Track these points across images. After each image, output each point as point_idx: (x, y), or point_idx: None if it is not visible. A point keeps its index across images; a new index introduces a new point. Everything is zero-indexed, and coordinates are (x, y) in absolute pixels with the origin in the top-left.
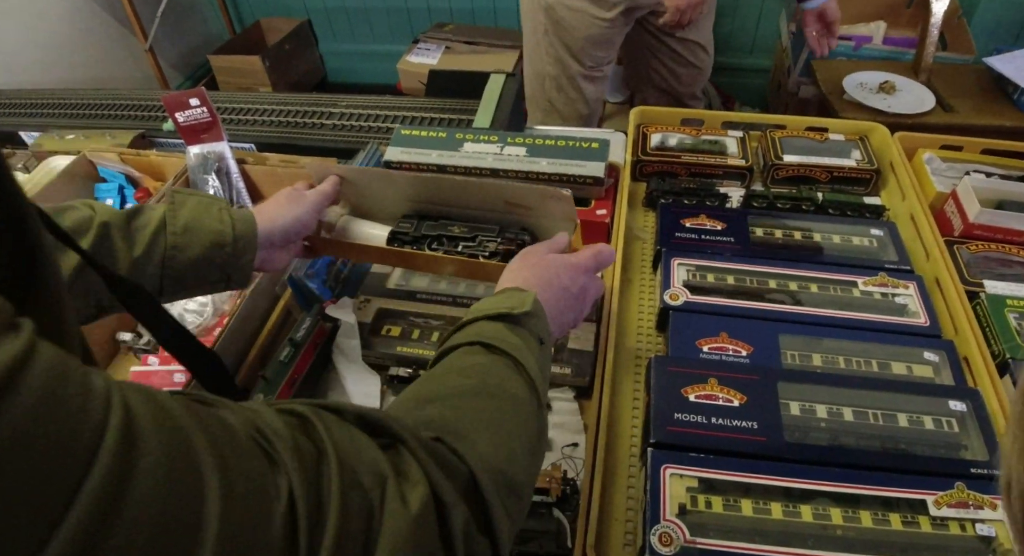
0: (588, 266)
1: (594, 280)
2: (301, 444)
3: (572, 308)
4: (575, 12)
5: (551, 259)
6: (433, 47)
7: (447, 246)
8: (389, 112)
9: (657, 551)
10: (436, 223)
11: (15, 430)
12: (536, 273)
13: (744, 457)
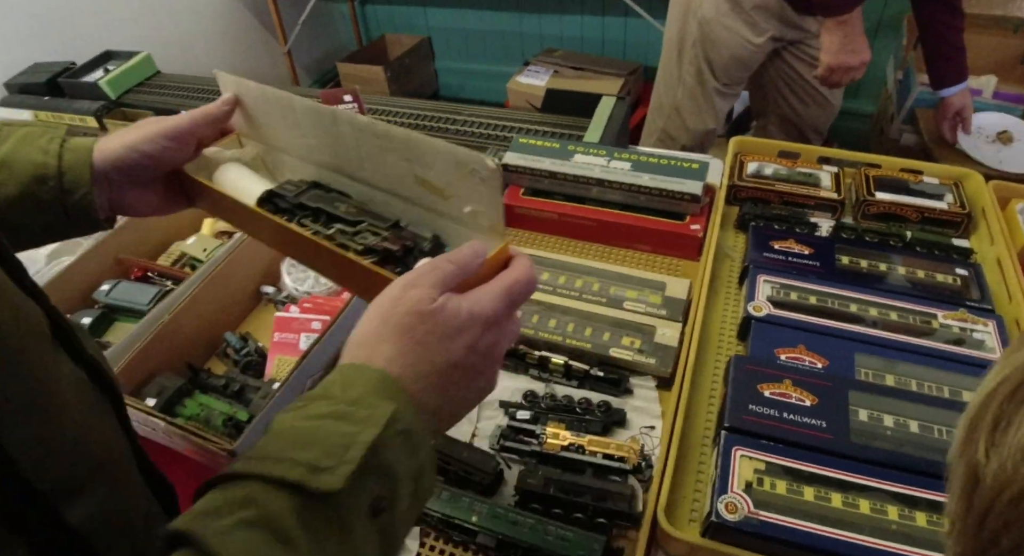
0: (496, 314)
1: (504, 329)
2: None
3: (471, 384)
4: (728, 31)
5: (439, 316)
6: (542, 70)
7: (321, 225)
8: (507, 123)
9: (723, 516)
10: (327, 194)
11: None
12: (409, 345)
13: (810, 450)
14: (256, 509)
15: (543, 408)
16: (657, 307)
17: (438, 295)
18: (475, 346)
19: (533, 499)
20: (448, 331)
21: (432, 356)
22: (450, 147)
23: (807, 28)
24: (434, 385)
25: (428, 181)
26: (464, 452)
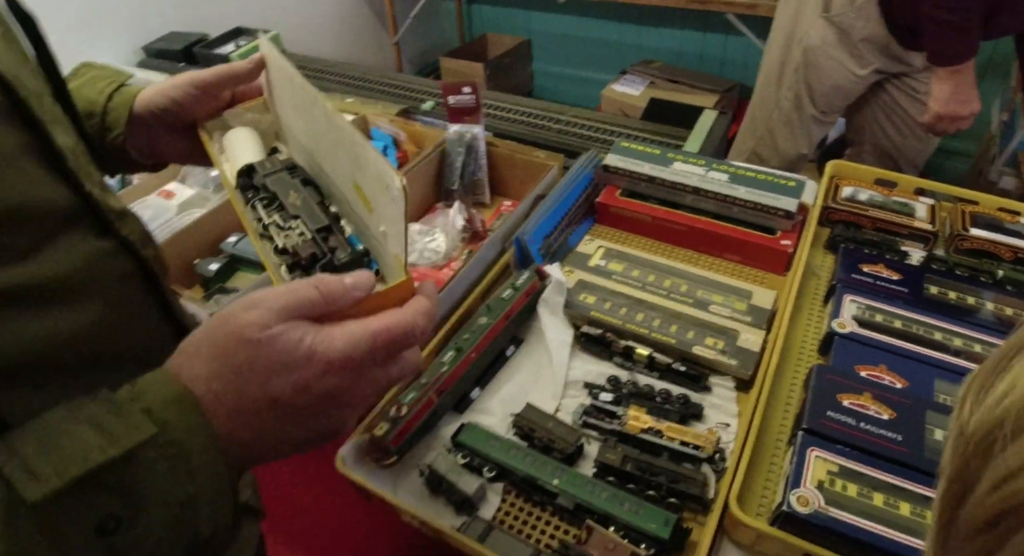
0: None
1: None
2: None
3: (301, 424)
4: (832, 61)
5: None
6: (638, 80)
7: (263, 213)
8: (608, 127)
9: (794, 508)
10: (291, 181)
11: None
12: (222, 369)
13: (884, 459)
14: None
15: (625, 393)
16: (742, 313)
17: (277, 322)
18: (308, 387)
19: (610, 473)
20: (272, 365)
21: (246, 387)
22: (377, 156)
23: (912, 62)
24: (246, 418)
25: (360, 188)
26: (549, 422)
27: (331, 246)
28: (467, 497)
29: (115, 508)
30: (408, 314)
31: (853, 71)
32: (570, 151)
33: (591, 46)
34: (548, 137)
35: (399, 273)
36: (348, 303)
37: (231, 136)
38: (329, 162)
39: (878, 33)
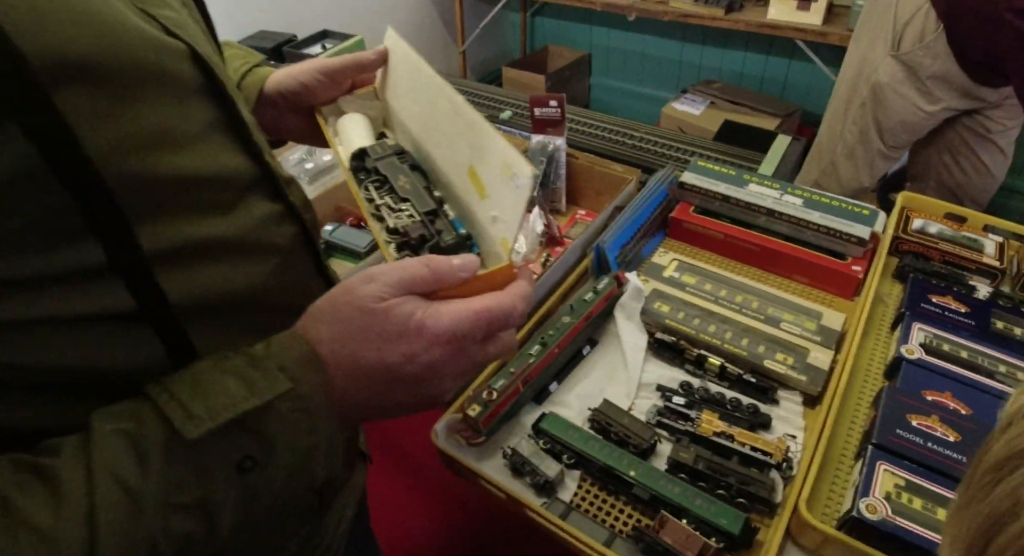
0: (452, 333)
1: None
2: None
3: (407, 391)
4: (900, 97)
5: (381, 316)
6: (699, 99)
7: (375, 195)
8: (681, 145)
9: (863, 514)
10: (400, 166)
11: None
12: (342, 334)
13: (948, 478)
14: (136, 425)
15: (697, 398)
16: (812, 332)
17: (392, 295)
18: (415, 356)
19: (682, 470)
20: (386, 334)
21: (362, 351)
22: (506, 145)
23: (984, 98)
24: (358, 379)
25: (476, 175)
26: (625, 418)
27: (437, 228)
28: (548, 479)
29: (253, 450)
30: (508, 297)
31: (922, 108)
32: (645, 166)
33: (651, 63)
34: (622, 151)
35: (502, 257)
36: (454, 282)
37: (345, 121)
38: (440, 149)
39: (948, 69)
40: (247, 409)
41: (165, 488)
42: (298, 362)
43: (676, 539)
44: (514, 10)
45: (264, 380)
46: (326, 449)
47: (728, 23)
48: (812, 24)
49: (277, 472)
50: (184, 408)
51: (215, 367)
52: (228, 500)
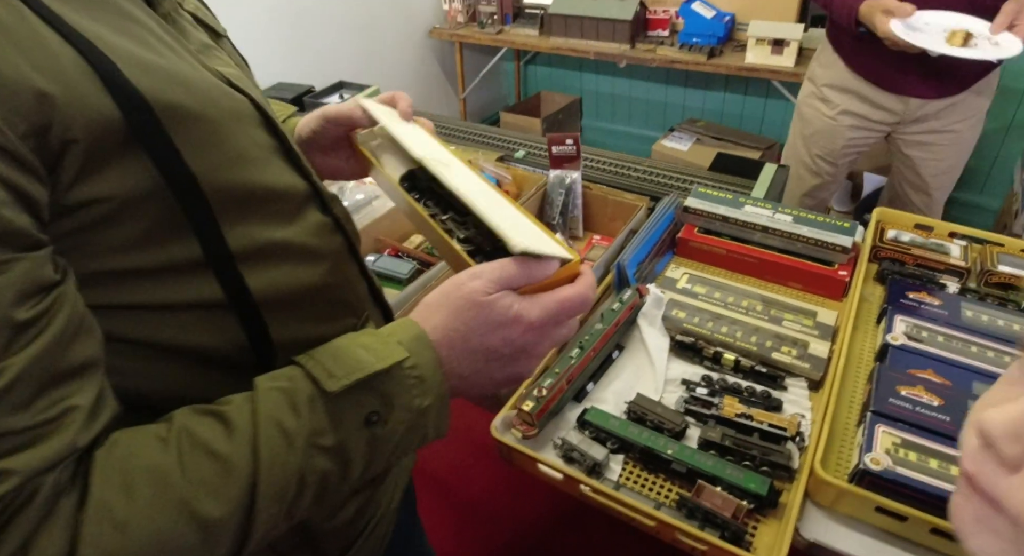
0: (541, 321)
1: (547, 335)
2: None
3: (502, 369)
4: (810, 108)
5: (487, 307)
6: (685, 137)
7: (438, 210)
8: (680, 175)
9: (869, 467)
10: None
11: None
12: (455, 322)
13: (936, 434)
14: (290, 383)
15: (717, 388)
16: (810, 328)
17: (495, 290)
18: (511, 341)
19: (711, 447)
20: (490, 323)
21: (470, 335)
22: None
23: (884, 105)
24: (465, 358)
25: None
26: (658, 408)
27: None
28: (597, 462)
29: (377, 406)
30: (581, 288)
31: (825, 113)
32: (651, 194)
33: (638, 105)
34: (630, 182)
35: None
36: (538, 279)
37: (387, 145)
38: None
39: (839, 77)
40: (373, 371)
41: (311, 432)
42: (413, 339)
43: (714, 502)
44: (509, 60)
45: (386, 350)
46: (436, 412)
47: (710, 67)
48: (785, 66)
49: (396, 427)
50: (325, 369)
51: (349, 341)
52: (358, 448)
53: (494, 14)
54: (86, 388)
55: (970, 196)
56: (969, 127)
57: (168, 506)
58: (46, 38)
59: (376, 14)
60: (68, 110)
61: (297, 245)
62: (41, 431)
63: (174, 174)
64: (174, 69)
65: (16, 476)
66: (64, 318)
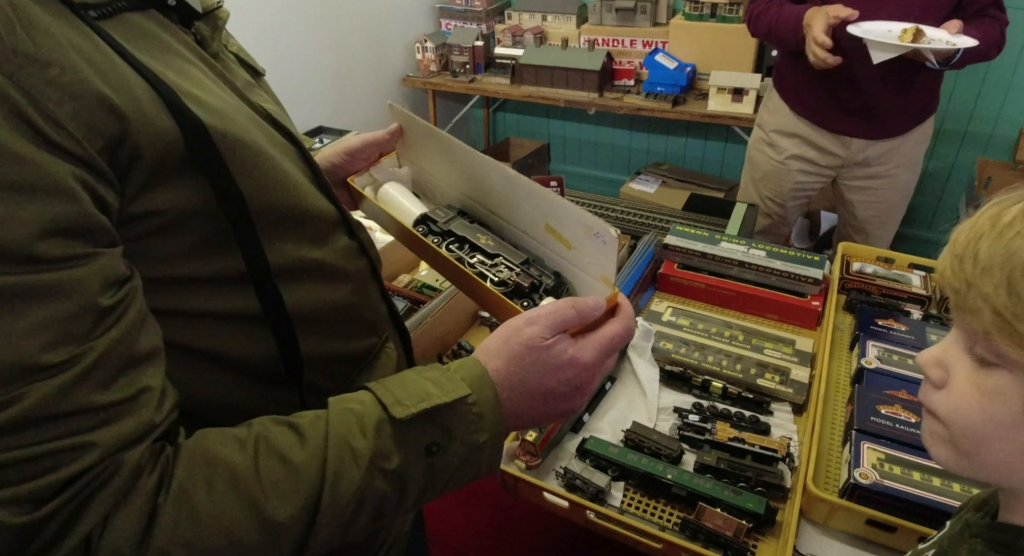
0: (594, 361)
1: (597, 373)
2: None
3: (556, 406)
4: (759, 153)
5: (545, 353)
6: (651, 179)
7: (464, 253)
8: (657, 215)
9: (859, 481)
10: (471, 225)
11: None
12: (515, 367)
13: (916, 448)
14: (360, 406)
15: (708, 415)
16: (790, 355)
17: (551, 335)
18: (568, 381)
19: (707, 471)
20: (548, 367)
21: (529, 379)
22: (580, 212)
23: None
24: (522, 399)
25: (556, 231)
26: (654, 435)
27: (535, 274)
28: (600, 489)
29: (438, 437)
30: (626, 322)
31: (772, 158)
32: (631, 233)
33: (604, 149)
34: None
35: (606, 289)
36: (592, 320)
37: (388, 192)
38: (505, 209)
39: (785, 122)
40: (438, 403)
41: (375, 454)
42: (475, 378)
43: (715, 523)
44: (479, 107)
45: (451, 385)
46: (490, 448)
47: (675, 114)
48: (745, 112)
49: (453, 459)
50: (395, 396)
51: (417, 374)
52: (416, 475)
53: (466, 64)
54: (155, 372)
55: (920, 231)
56: (906, 170)
57: (240, 503)
58: (119, 65)
59: (351, 62)
60: (137, 129)
61: (327, 265)
62: (120, 409)
63: (226, 192)
64: (222, 104)
65: (98, 449)
66: (136, 309)
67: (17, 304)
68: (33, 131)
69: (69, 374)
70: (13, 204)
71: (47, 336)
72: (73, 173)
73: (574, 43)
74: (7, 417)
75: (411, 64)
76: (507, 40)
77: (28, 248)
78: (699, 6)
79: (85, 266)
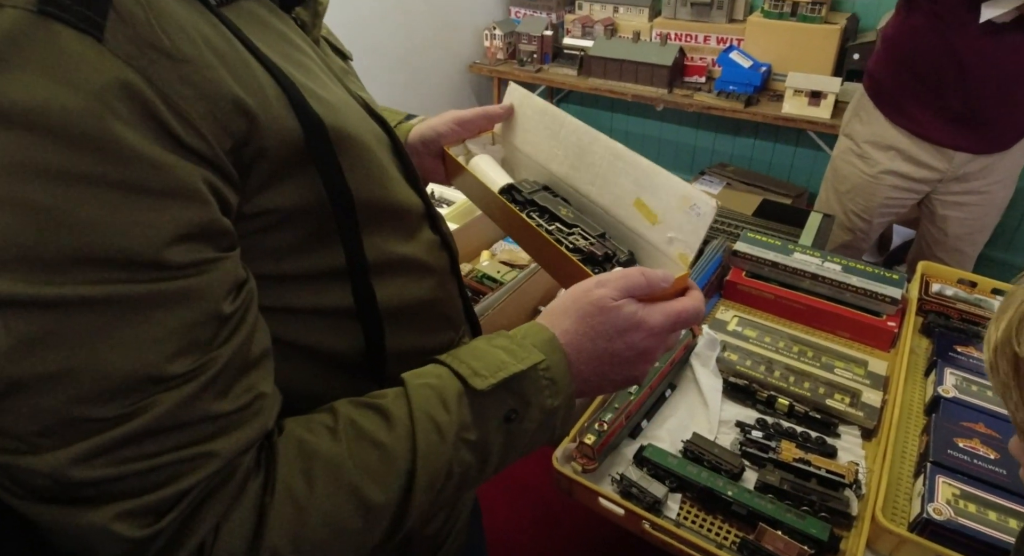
0: (661, 328)
1: (663, 341)
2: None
3: (621, 371)
4: (848, 165)
5: (614, 313)
6: (716, 180)
7: (544, 221)
8: (725, 219)
9: (932, 516)
10: (554, 198)
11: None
12: (583, 327)
13: (994, 486)
14: (438, 381)
15: (772, 432)
16: (861, 377)
17: (620, 297)
18: (634, 345)
19: (769, 490)
20: (616, 328)
21: (597, 340)
22: (681, 183)
23: (931, 165)
24: (590, 361)
25: (646, 205)
26: (715, 448)
27: (610, 247)
28: (656, 499)
29: (515, 405)
30: (695, 300)
31: (864, 171)
32: None
33: (667, 147)
34: None
35: (681, 269)
36: (660, 290)
37: (478, 161)
38: (597, 185)
39: (881, 133)
40: (515, 372)
41: (459, 426)
42: (545, 343)
43: (776, 546)
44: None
45: (523, 352)
46: (564, 412)
47: (747, 115)
48: (822, 117)
49: (529, 425)
50: (471, 368)
51: (487, 343)
52: (496, 443)
53: (534, 53)
54: (267, 376)
55: (997, 253)
56: (1003, 188)
57: (341, 491)
58: (250, 64)
59: (420, 47)
60: (264, 128)
61: (415, 260)
62: (239, 416)
63: (336, 190)
64: (333, 97)
65: (219, 458)
66: (253, 312)
67: (146, 312)
68: (165, 132)
69: (194, 384)
70: (144, 209)
71: (174, 345)
72: (203, 176)
73: (645, 37)
74: (131, 428)
75: (478, 51)
76: (576, 31)
77: (158, 255)
78: (779, 4)
79: (211, 272)
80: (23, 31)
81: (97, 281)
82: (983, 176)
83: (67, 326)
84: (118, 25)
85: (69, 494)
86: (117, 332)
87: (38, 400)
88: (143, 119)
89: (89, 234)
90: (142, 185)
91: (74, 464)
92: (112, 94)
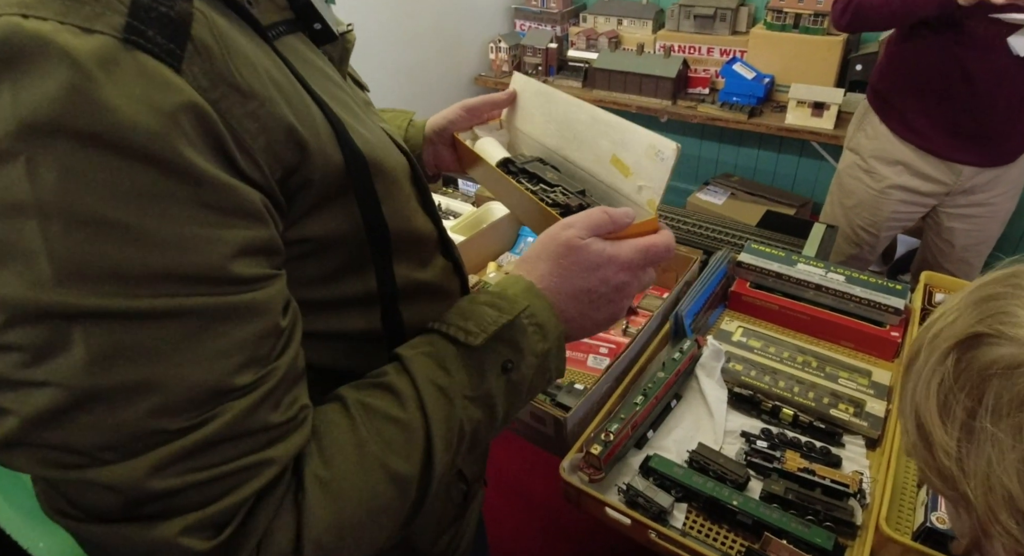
0: (631, 261)
1: (637, 276)
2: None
3: (601, 309)
4: (854, 180)
5: (583, 251)
6: (720, 191)
7: (529, 185)
8: (729, 230)
9: (935, 525)
10: (544, 166)
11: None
12: (557, 268)
13: None
14: (433, 348)
15: (777, 442)
16: (865, 387)
17: (587, 235)
18: (607, 280)
19: (774, 500)
20: (588, 264)
21: (573, 279)
22: (647, 132)
23: (937, 178)
24: (570, 300)
25: (620, 160)
26: (720, 458)
27: (587, 201)
28: (663, 508)
29: (510, 355)
30: (664, 236)
31: (871, 186)
32: (703, 248)
33: None
34: (681, 235)
35: (649, 214)
36: (624, 226)
37: (482, 143)
38: (579, 152)
39: (888, 148)
40: (503, 323)
41: (462, 386)
42: (524, 291)
43: (781, 555)
44: None
45: (507, 304)
46: (556, 353)
47: (751, 126)
48: (825, 128)
49: (527, 372)
50: (462, 328)
51: (471, 303)
52: (499, 394)
53: (539, 65)
54: (307, 389)
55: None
56: (1008, 199)
57: (370, 471)
58: (303, 95)
59: (425, 59)
60: (313, 159)
61: (433, 285)
62: (289, 426)
63: (374, 220)
64: (368, 131)
65: (276, 465)
66: (300, 329)
67: (215, 325)
68: (227, 160)
69: (255, 395)
70: (213, 226)
71: (241, 357)
72: (260, 198)
73: (649, 49)
74: (195, 439)
75: (484, 63)
76: (581, 43)
77: (225, 268)
78: (782, 16)
79: (271, 287)
80: (111, 57)
81: (174, 294)
82: (989, 188)
83: (146, 339)
84: (195, 57)
85: (136, 510)
86: (193, 344)
87: (116, 412)
88: (209, 145)
89: (165, 249)
90: (210, 203)
91: (151, 475)
92: (184, 117)
